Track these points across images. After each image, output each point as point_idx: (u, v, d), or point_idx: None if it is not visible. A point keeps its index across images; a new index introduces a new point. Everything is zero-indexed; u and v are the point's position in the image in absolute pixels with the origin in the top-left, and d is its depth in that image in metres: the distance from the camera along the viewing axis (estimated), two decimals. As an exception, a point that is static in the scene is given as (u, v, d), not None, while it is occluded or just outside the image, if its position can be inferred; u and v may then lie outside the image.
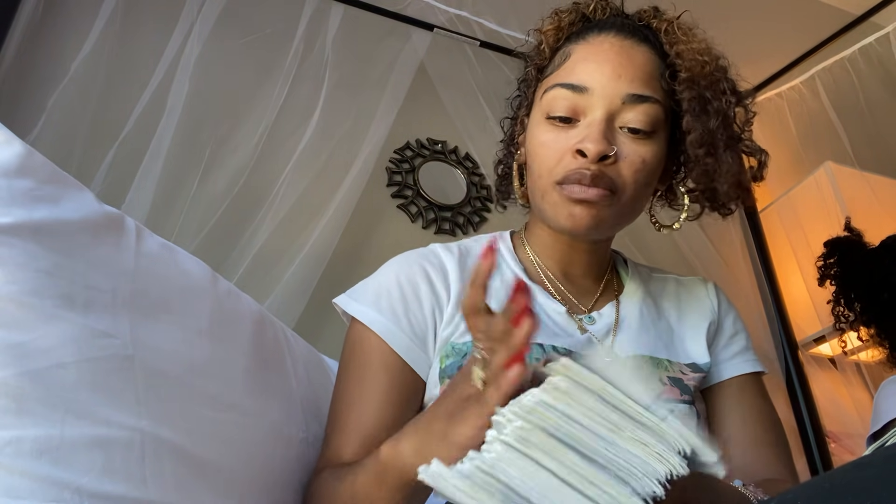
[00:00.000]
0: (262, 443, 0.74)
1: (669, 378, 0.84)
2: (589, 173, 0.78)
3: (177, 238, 1.37)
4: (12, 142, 0.56)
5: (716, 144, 0.83)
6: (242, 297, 0.82)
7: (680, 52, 0.84)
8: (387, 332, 0.82)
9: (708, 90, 0.83)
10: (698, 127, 0.82)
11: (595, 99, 0.80)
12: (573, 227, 0.81)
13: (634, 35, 0.84)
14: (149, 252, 0.66)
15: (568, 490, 0.45)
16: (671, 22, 0.87)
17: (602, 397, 0.49)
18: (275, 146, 1.58)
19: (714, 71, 0.85)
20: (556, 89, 0.82)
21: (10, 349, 0.50)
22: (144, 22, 1.58)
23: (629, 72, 0.81)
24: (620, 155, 0.79)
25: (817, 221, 1.98)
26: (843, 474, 0.35)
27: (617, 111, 0.80)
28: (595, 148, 0.77)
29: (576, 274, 0.91)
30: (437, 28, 1.86)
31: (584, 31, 0.87)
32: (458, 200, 1.81)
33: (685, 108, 0.83)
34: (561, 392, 0.49)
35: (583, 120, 0.81)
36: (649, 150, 0.81)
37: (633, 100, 0.80)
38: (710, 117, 0.83)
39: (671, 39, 0.86)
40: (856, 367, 1.98)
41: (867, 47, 2.03)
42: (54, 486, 0.49)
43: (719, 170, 0.83)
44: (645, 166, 0.81)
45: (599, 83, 0.80)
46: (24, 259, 0.52)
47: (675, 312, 0.94)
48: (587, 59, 0.83)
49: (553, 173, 0.81)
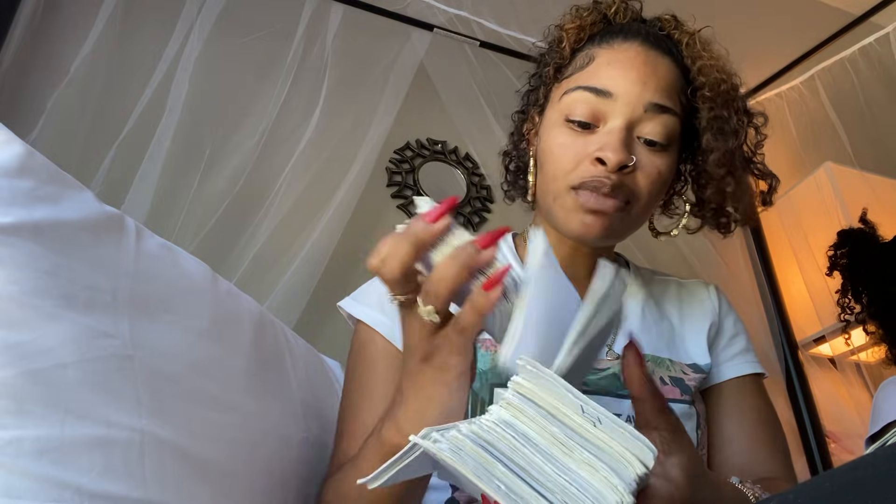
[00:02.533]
0: (263, 443, 0.74)
1: (671, 378, 0.84)
2: (609, 182, 0.77)
3: (177, 238, 1.37)
4: (13, 142, 0.56)
5: (735, 165, 0.83)
6: (243, 298, 0.82)
7: (702, 68, 0.84)
8: (391, 333, 0.83)
9: (725, 109, 0.83)
10: (720, 147, 0.82)
11: (618, 105, 0.79)
12: (583, 234, 0.80)
13: (659, 46, 0.84)
14: (149, 252, 0.66)
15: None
16: (692, 35, 0.87)
17: (550, 413, 0.47)
18: (275, 146, 1.58)
19: (730, 89, 0.85)
20: (579, 92, 0.81)
21: (11, 349, 0.50)
22: (144, 22, 1.58)
23: (653, 81, 0.80)
24: (638, 165, 0.79)
25: (817, 221, 1.98)
26: (844, 474, 0.35)
27: (637, 120, 0.80)
28: (616, 157, 0.76)
29: (579, 275, 0.91)
30: (437, 28, 1.86)
31: (608, 36, 0.86)
32: (458, 201, 1.81)
33: (705, 126, 0.82)
34: (514, 408, 0.47)
35: (602, 126, 0.80)
36: (665, 161, 0.81)
37: (654, 109, 0.79)
38: (729, 137, 0.83)
39: (693, 53, 0.85)
40: (856, 367, 1.99)
41: (867, 47, 2.03)
42: (55, 486, 0.49)
43: (736, 191, 0.84)
44: (660, 178, 0.81)
45: (624, 89, 0.79)
46: (25, 259, 0.52)
47: (676, 314, 0.94)
48: (612, 63, 0.82)
49: (569, 177, 0.80)
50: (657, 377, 0.83)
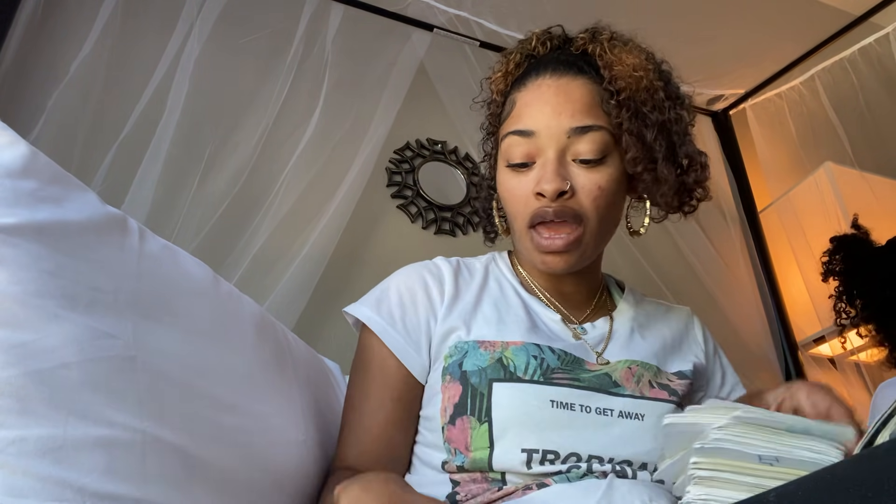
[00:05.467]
0: (263, 445, 0.74)
1: (658, 383, 0.87)
2: (551, 210, 0.83)
3: (177, 238, 1.37)
4: (17, 143, 0.56)
5: (654, 158, 0.87)
6: (244, 299, 0.82)
7: (615, 75, 0.87)
8: (382, 332, 0.87)
9: (645, 104, 0.86)
10: (635, 145, 0.86)
11: (543, 140, 0.85)
12: (549, 270, 0.88)
13: (570, 70, 0.88)
14: (151, 253, 0.66)
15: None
16: (609, 40, 0.90)
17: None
18: (275, 146, 1.58)
19: (653, 81, 0.88)
20: (510, 137, 0.88)
21: (14, 349, 0.50)
22: (144, 22, 1.58)
23: (568, 108, 0.85)
24: (576, 187, 0.84)
25: (817, 222, 1.98)
26: (845, 467, 0.36)
27: (566, 147, 0.84)
28: (551, 187, 0.82)
29: (569, 291, 0.96)
30: (437, 28, 1.86)
31: (523, 77, 0.91)
32: (458, 201, 1.81)
33: (624, 128, 0.86)
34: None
35: (538, 161, 0.86)
36: (603, 175, 0.85)
37: (577, 132, 0.84)
38: (648, 130, 0.86)
39: (606, 62, 0.88)
40: (855, 367, 1.99)
41: (867, 48, 2.03)
42: (57, 486, 0.49)
43: (658, 183, 0.88)
44: (602, 192, 0.85)
45: (543, 124, 0.85)
46: (28, 259, 0.52)
47: (667, 332, 0.98)
48: (529, 104, 0.87)
49: (523, 216, 0.86)
50: (646, 380, 0.85)
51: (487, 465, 0.77)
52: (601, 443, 0.78)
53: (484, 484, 0.77)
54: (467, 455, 0.78)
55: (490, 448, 0.77)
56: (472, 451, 0.78)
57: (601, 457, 0.77)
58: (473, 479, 0.78)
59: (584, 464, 0.76)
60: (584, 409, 0.79)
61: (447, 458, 0.80)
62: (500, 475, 0.77)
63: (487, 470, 0.77)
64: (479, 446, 0.77)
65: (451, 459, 0.80)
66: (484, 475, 0.78)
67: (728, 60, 2.07)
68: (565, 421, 0.78)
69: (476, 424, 0.78)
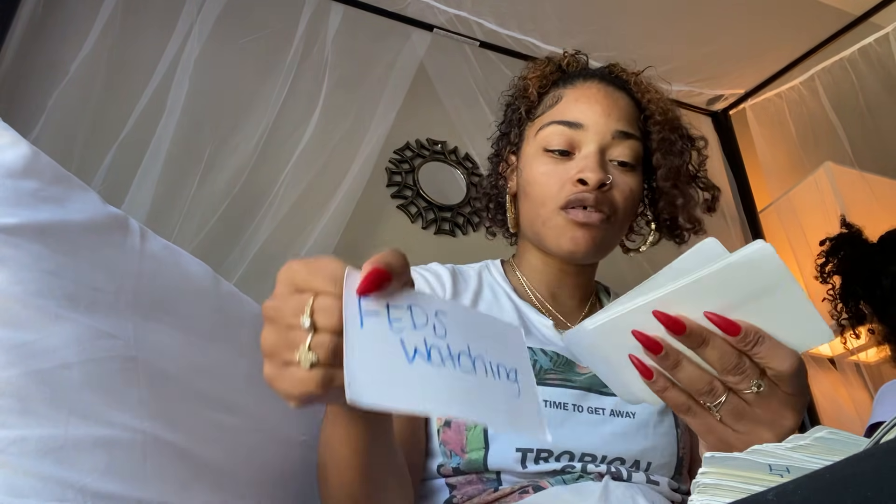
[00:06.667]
0: (263, 444, 0.74)
1: None
2: (592, 197, 0.88)
3: (177, 238, 1.37)
4: (19, 143, 0.56)
5: (680, 178, 0.97)
6: (244, 300, 0.82)
7: (651, 100, 0.98)
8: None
9: (672, 133, 0.97)
10: (667, 162, 0.96)
11: (589, 134, 0.91)
12: (573, 250, 0.90)
13: (614, 83, 0.97)
14: (152, 254, 0.66)
15: None
16: (637, 75, 1.02)
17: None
18: (275, 146, 1.58)
19: (675, 118, 0.99)
20: (553, 126, 0.93)
21: (16, 349, 0.50)
22: (144, 22, 1.58)
23: (616, 112, 0.93)
24: (614, 183, 0.91)
25: (817, 221, 1.98)
26: (844, 467, 0.35)
27: (608, 146, 0.91)
28: (595, 177, 0.88)
29: (563, 296, 1.00)
30: (437, 28, 1.86)
31: (571, 78, 1.00)
32: (458, 201, 1.81)
33: (656, 147, 0.96)
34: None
35: (578, 153, 0.92)
36: (634, 180, 0.93)
37: (621, 136, 0.92)
38: (675, 156, 0.97)
39: (640, 89, 0.99)
40: (855, 367, 1.99)
41: (867, 48, 2.03)
42: (58, 486, 0.50)
43: (682, 200, 0.98)
44: (632, 194, 0.93)
45: (592, 120, 0.92)
46: (29, 260, 0.52)
47: None
48: (579, 99, 0.94)
49: (556, 199, 0.90)
50: None
51: (483, 466, 0.78)
52: (593, 441, 0.80)
53: (479, 485, 0.78)
54: (463, 456, 0.79)
55: (485, 448, 0.78)
56: (468, 452, 0.79)
57: (594, 454, 0.79)
58: (469, 480, 0.79)
59: (578, 462, 0.78)
60: (576, 409, 0.82)
61: (443, 462, 0.81)
62: (496, 475, 0.78)
63: (483, 470, 0.78)
64: (474, 447, 0.79)
65: (446, 462, 0.80)
66: (479, 476, 0.79)
67: (728, 60, 2.07)
68: (558, 420, 0.80)
69: (471, 426, 0.79)
